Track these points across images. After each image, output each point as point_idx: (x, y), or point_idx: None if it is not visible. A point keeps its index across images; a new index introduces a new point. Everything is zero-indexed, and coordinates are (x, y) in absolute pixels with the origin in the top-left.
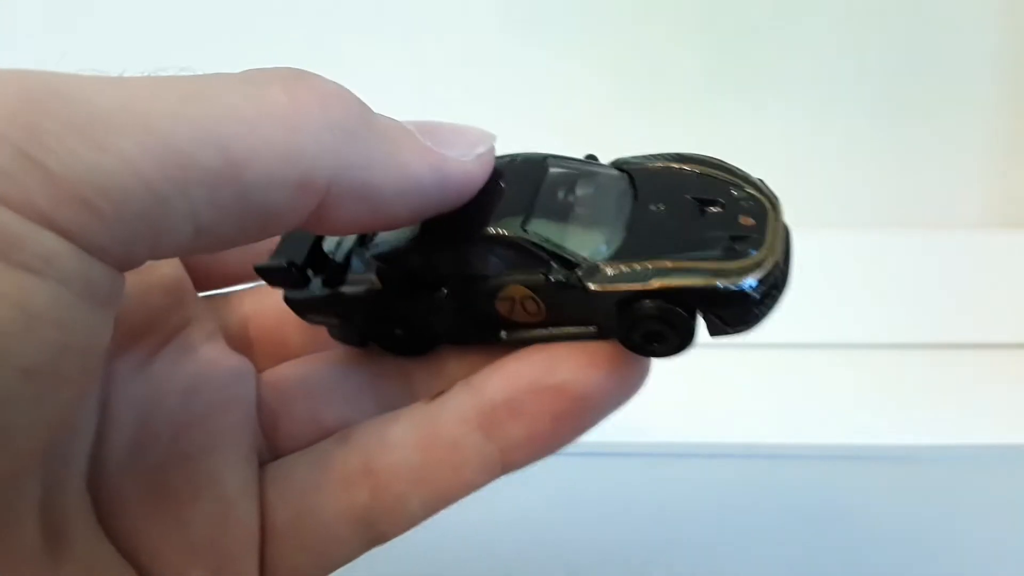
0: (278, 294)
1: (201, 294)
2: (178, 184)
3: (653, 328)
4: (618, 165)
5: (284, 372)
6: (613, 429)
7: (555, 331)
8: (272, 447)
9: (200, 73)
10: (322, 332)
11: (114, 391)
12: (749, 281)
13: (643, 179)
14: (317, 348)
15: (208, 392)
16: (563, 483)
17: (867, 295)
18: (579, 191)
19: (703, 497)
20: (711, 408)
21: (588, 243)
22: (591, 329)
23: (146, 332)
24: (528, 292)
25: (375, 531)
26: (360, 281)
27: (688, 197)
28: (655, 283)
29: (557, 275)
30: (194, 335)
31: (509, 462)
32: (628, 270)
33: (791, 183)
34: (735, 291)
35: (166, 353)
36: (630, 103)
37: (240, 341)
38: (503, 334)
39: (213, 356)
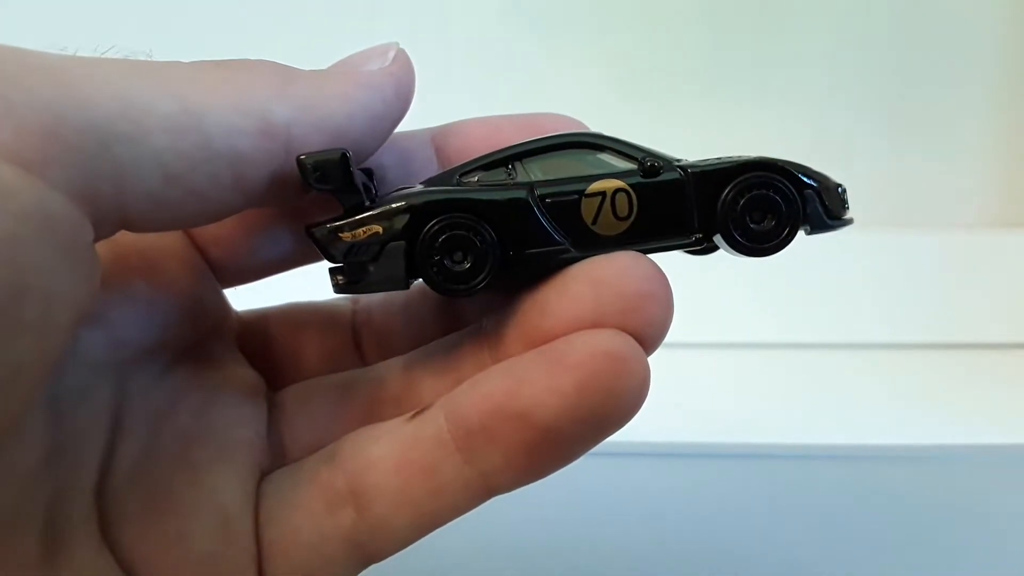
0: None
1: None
2: (139, 126)
3: (760, 197)
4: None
5: (293, 392)
6: None
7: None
8: (276, 464)
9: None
10: (337, 347)
11: (128, 403)
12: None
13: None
14: (329, 362)
15: (220, 407)
16: (562, 483)
17: (867, 295)
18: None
19: (703, 497)
20: (711, 408)
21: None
22: (680, 240)
23: (164, 347)
24: (621, 183)
25: (365, 552)
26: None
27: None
28: (751, 159)
29: (652, 161)
30: (214, 345)
31: (494, 487)
32: (716, 159)
33: None
34: (817, 186)
35: (184, 364)
36: (630, 101)
37: (257, 350)
38: (575, 250)
39: (229, 369)
